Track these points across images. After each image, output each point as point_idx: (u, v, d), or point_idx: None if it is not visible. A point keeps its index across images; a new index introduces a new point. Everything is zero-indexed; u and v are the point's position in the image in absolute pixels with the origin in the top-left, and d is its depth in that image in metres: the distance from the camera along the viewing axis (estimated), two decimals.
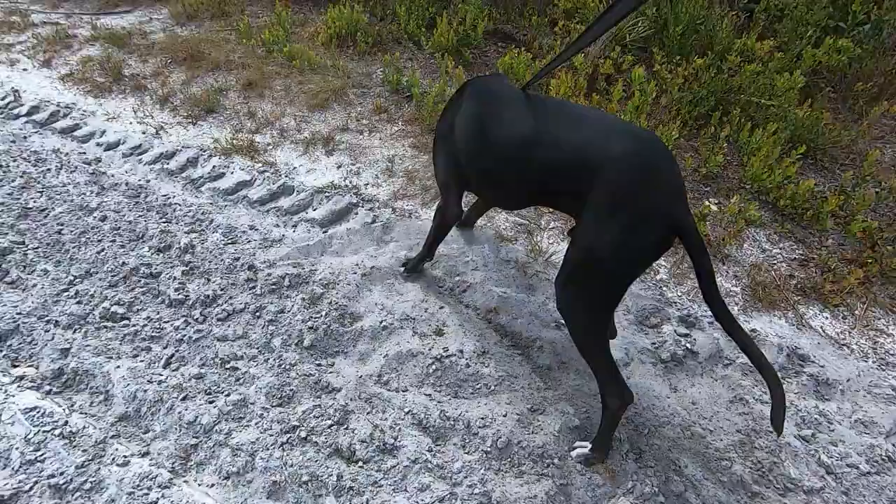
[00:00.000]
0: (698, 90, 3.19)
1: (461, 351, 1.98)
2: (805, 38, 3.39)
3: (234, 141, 3.12)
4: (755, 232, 2.55)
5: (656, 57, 3.39)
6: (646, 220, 1.38)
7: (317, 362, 1.95)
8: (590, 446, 1.67)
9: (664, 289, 2.30)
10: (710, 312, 2.17)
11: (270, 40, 3.90)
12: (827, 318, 2.19)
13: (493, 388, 1.88)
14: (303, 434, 1.71)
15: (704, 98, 3.18)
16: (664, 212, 1.38)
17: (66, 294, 2.16)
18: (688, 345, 2.05)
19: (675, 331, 2.11)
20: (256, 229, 2.56)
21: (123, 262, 2.30)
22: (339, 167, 2.96)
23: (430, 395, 1.85)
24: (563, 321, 2.13)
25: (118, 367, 1.89)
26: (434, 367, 1.94)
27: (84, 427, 1.71)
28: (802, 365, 2.01)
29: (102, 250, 2.37)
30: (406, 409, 1.79)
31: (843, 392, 1.93)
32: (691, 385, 1.95)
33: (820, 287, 2.26)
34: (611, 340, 1.93)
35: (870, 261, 2.30)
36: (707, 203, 2.64)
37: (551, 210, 2.61)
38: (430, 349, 2.00)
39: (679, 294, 2.28)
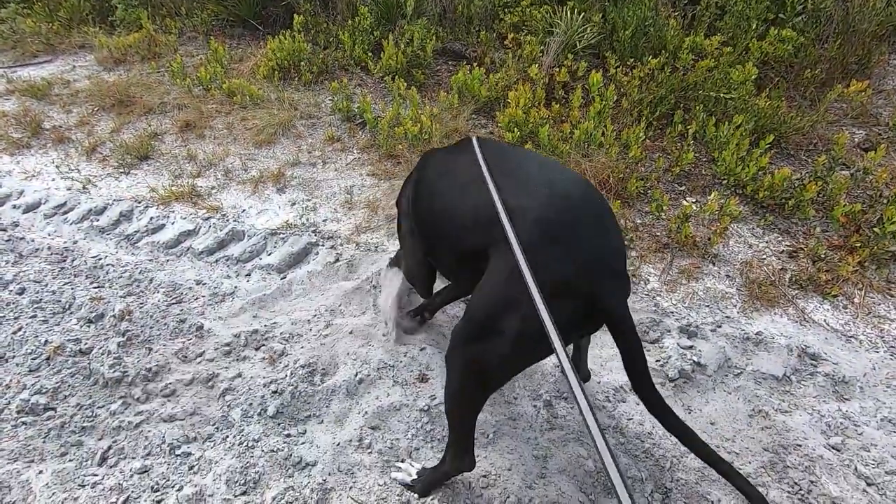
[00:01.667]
0: (657, 90, 3.13)
1: None
2: (750, 32, 3.42)
3: (174, 188, 2.83)
4: (738, 227, 2.45)
5: (610, 61, 3.34)
6: (549, 286, 1.07)
7: (285, 433, 1.67)
8: (415, 477, 1.50)
9: (658, 298, 2.15)
10: (710, 319, 2.06)
11: (207, 78, 3.65)
12: (828, 309, 2.08)
13: (491, 436, 1.65)
14: None
15: (664, 97, 3.12)
16: (574, 281, 1.10)
17: None
18: (694, 358, 1.89)
19: (677, 344, 1.94)
20: (204, 283, 2.27)
21: (46, 341, 1.97)
22: (293, 205, 2.72)
23: (420, 454, 1.61)
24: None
25: (41, 472, 1.55)
26: (422, 420, 1.70)
27: None
28: (815, 364, 1.87)
29: (20, 329, 2.03)
30: (395, 478, 1.53)
31: (863, 389, 1.80)
32: (705, 402, 1.77)
33: (815, 278, 2.15)
34: (586, 383, 1.74)
35: (858, 245, 2.22)
36: (686, 203, 2.53)
37: None
38: (414, 399, 1.76)
39: (674, 302, 2.13)
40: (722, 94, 3.09)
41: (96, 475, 1.55)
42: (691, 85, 3.16)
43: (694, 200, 2.60)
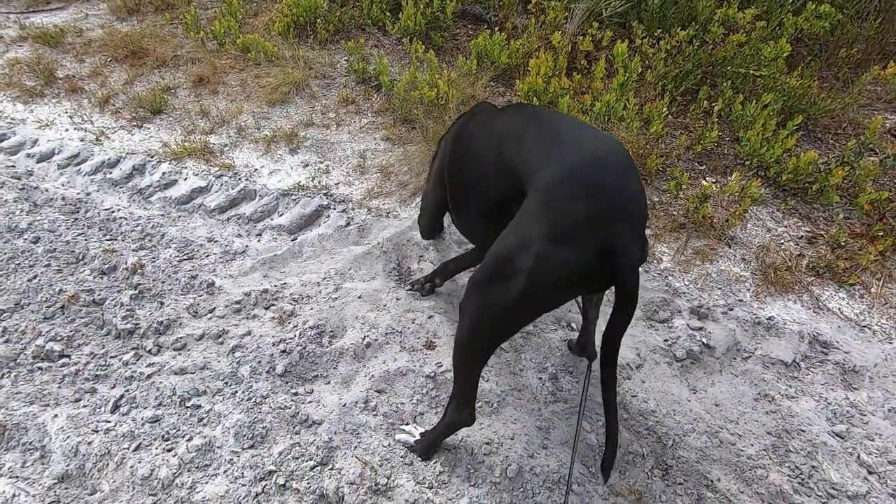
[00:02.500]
0: (683, 64, 3.02)
1: None
2: (785, 6, 3.26)
3: (186, 144, 2.81)
4: (757, 210, 2.39)
5: (636, 31, 3.21)
6: (569, 232, 1.10)
7: (293, 391, 1.70)
8: (418, 438, 1.53)
9: (670, 278, 2.12)
10: (722, 302, 2.04)
11: (221, 32, 3.56)
12: (843, 298, 2.05)
13: (495, 405, 1.66)
14: (281, 480, 1.46)
15: (690, 72, 3.01)
16: (593, 230, 1.09)
17: None
18: (703, 339, 1.88)
19: (687, 324, 1.93)
20: (216, 241, 2.27)
21: (61, 290, 1.99)
22: (305, 166, 2.69)
23: (425, 419, 1.63)
24: (566, 321, 1.95)
25: (56, 416, 1.60)
26: (428, 386, 1.71)
27: (15, 495, 1.43)
28: (826, 352, 1.85)
29: (35, 277, 2.05)
30: (399, 440, 1.56)
31: (872, 379, 1.78)
32: (711, 384, 1.77)
33: (833, 266, 2.11)
34: (590, 360, 1.75)
35: (881, 234, 2.17)
36: (706, 183, 2.47)
37: None
38: (421, 366, 1.77)
39: (687, 283, 2.10)
40: (752, 71, 2.97)
41: (109, 422, 1.59)
42: (720, 60, 3.04)
43: (714, 181, 2.54)
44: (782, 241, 2.26)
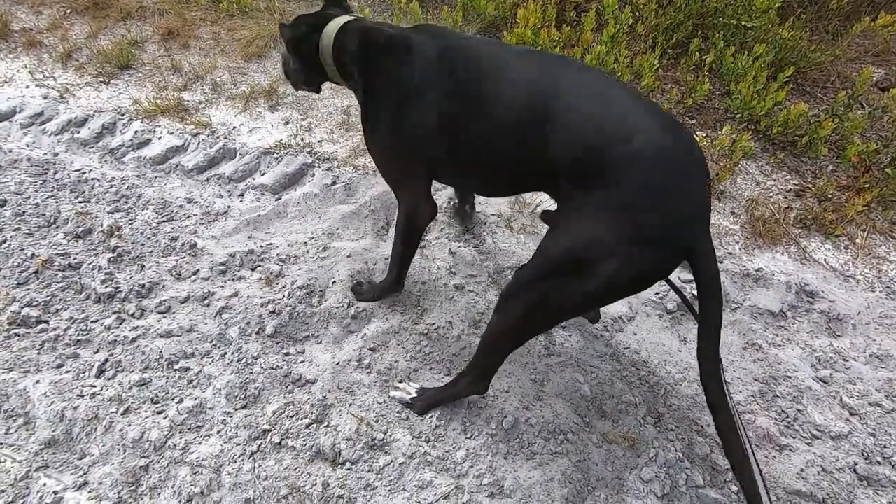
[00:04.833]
0: (675, 15, 2.94)
1: (451, 322, 1.74)
2: None
3: (159, 101, 2.66)
4: (747, 164, 2.38)
5: None
6: (655, 233, 1.03)
7: (284, 351, 1.67)
8: (414, 396, 1.52)
9: None
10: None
11: None
12: (829, 249, 2.07)
13: None
14: (276, 439, 1.45)
15: (682, 23, 2.93)
16: (679, 230, 1.04)
17: None
18: (693, 292, 1.89)
19: (678, 278, 1.93)
20: (196, 202, 2.18)
21: (33, 254, 1.90)
22: (286, 123, 2.58)
23: (419, 376, 1.62)
24: None
25: (38, 382, 1.55)
26: (422, 343, 1.70)
27: (1, 461, 1.39)
28: (812, 302, 1.89)
29: (4, 242, 1.95)
30: (394, 397, 1.55)
31: (855, 326, 1.82)
32: None
33: (820, 218, 2.13)
34: (593, 323, 1.77)
35: (867, 185, 2.18)
36: (697, 136, 2.44)
37: None
38: (414, 324, 1.75)
39: None
40: (743, 23, 2.90)
41: (94, 386, 1.55)
42: (711, 11, 2.96)
43: (705, 134, 2.51)
44: (771, 194, 2.26)
